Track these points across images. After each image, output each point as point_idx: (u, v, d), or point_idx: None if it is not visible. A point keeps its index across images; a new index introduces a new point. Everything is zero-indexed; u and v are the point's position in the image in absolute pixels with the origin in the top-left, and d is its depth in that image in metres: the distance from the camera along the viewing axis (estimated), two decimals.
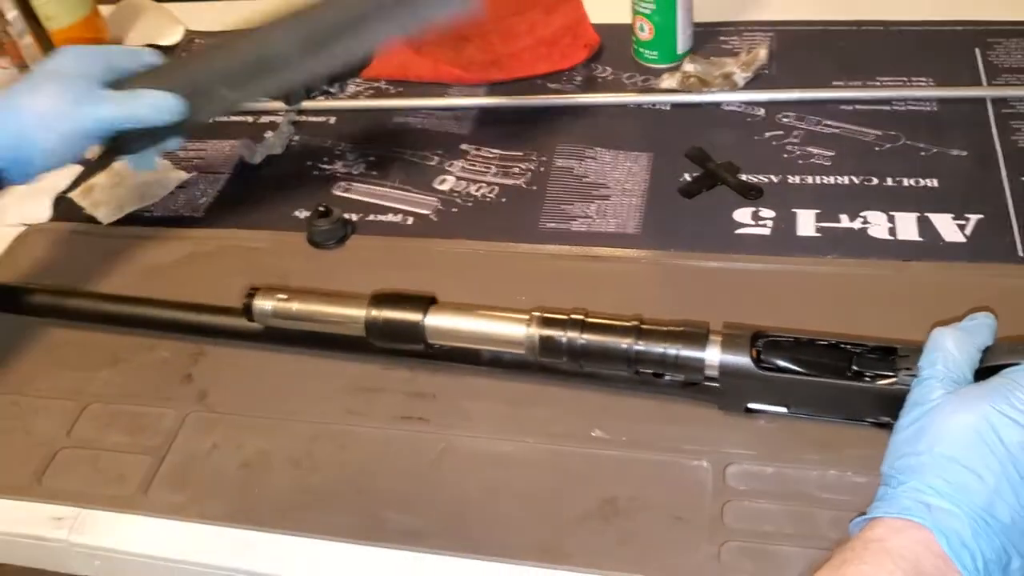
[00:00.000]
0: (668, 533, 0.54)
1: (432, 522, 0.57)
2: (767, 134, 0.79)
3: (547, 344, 0.59)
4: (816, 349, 0.56)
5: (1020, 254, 0.67)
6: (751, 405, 0.58)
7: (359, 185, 0.81)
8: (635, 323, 0.58)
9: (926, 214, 0.70)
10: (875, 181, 0.74)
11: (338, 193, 0.81)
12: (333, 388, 0.65)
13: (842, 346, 0.55)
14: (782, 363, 0.56)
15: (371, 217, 0.78)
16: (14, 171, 0.64)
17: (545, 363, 0.61)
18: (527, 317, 0.60)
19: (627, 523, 0.55)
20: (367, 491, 0.59)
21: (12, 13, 0.97)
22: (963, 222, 0.69)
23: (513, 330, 0.60)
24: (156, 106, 0.67)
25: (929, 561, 0.42)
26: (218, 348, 0.69)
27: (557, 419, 0.61)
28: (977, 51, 0.85)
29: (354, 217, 0.78)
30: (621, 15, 0.89)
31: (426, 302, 0.62)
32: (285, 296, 0.64)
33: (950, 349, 0.50)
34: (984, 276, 0.65)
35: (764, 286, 0.67)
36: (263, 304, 0.65)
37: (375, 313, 0.62)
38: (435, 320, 0.62)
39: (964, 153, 0.75)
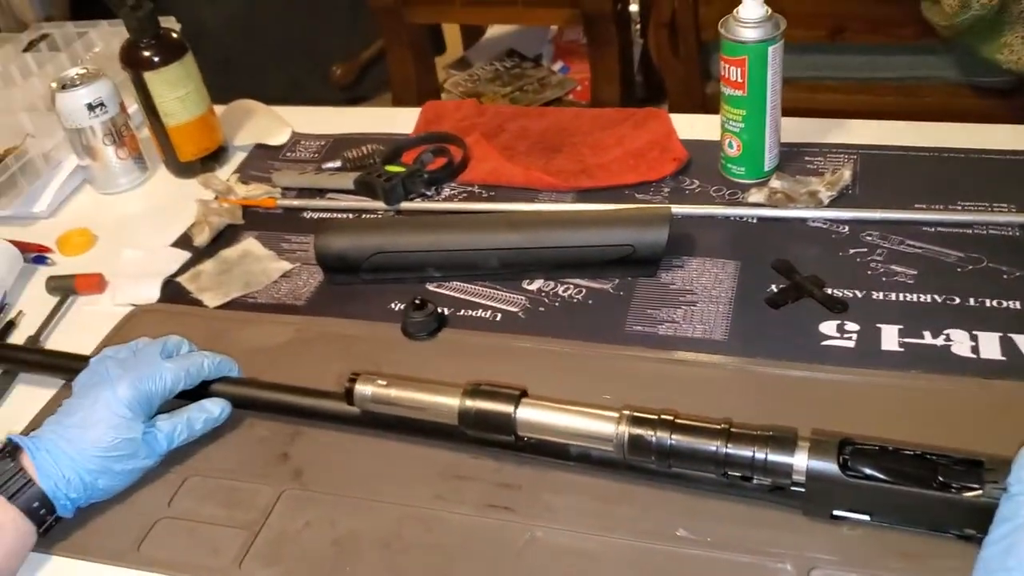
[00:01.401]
0: None
1: None
2: (851, 251, 0.82)
3: (636, 443, 0.61)
4: (902, 459, 0.57)
5: None
6: (836, 512, 0.59)
7: (452, 282, 0.85)
8: (724, 426, 0.60)
9: (1009, 335, 0.71)
10: (958, 300, 0.75)
11: (432, 288, 0.84)
12: (423, 473, 0.68)
13: (928, 457, 0.56)
14: (868, 471, 0.57)
15: (462, 312, 0.81)
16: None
17: (633, 462, 0.62)
18: (617, 415, 0.62)
19: None
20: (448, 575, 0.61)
21: (133, 107, 1.05)
22: None
23: (603, 427, 0.62)
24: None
25: None
26: (314, 429, 0.72)
27: (642, 517, 0.62)
28: None
29: (446, 311, 0.81)
30: (709, 132, 0.93)
31: (518, 395, 0.65)
32: (384, 382, 0.68)
33: None
34: None
35: (848, 397, 0.68)
36: (364, 389, 0.68)
37: (469, 403, 0.65)
38: (526, 413, 0.64)
39: None
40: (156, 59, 0.99)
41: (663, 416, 0.61)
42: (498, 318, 0.80)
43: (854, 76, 1.97)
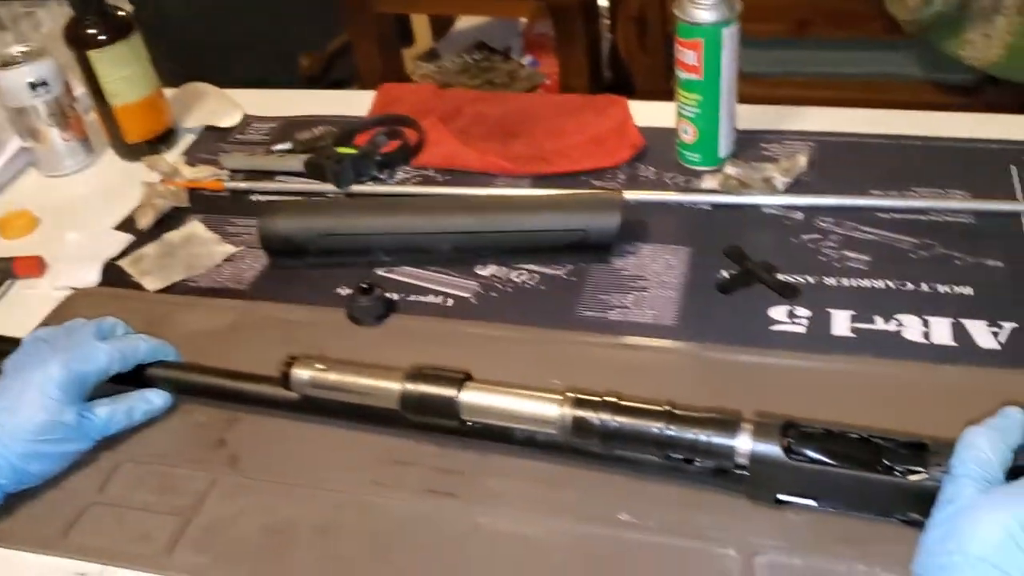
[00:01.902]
0: None
1: None
2: (804, 237, 0.81)
3: (580, 425, 0.60)
4: (847, 442, 0.56)
5: None
6: (781, 496, 0.58)
7: (402, 266, 0.83)
8: (667, 408, 0.59)
9: (960, 320, 0.71)
10: (910, 286, 0.74)
11: (381, 273, 0.83)
12: (362, 459, 0.66)
13: (873, 440, 0.55)
14: (812, 454, 0.56)
15: (412, 297, 0.80)
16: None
17: (576, 444, 0.61)
18: (560, 398, 0.61)
19: None
20: (390, 563, 0.59)
21: (80, 89, 1.03)
22: (997, 329, 0.69)
23: (546, 410, 0.61)
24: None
25: None
26: (252, 415, 0.70)
27: (585, 501, 0.61)
28: (1013, 168, 0.86)
29: (395, 296, 0.79)
30: (667, 120, 0.91)
31: (461, 379, 0.63)
32: (323, 366, 0.66)
33: (983, 448, 0.50)
34: (1017, 381, 0.65)
35: (797, 382, 0.68)
36: (301, 373, 0.66)
37: (410, 387, 0.63)
38: (470, 397, 0.63)
39: (999, 264, 0.75)
40: (101, 37, 0.96)
41: (606, 398, 0.60)
42: (449, 303, 0.79)
43: (818, 71, 1.97)
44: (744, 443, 0.56)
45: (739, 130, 0.91)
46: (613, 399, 0.60)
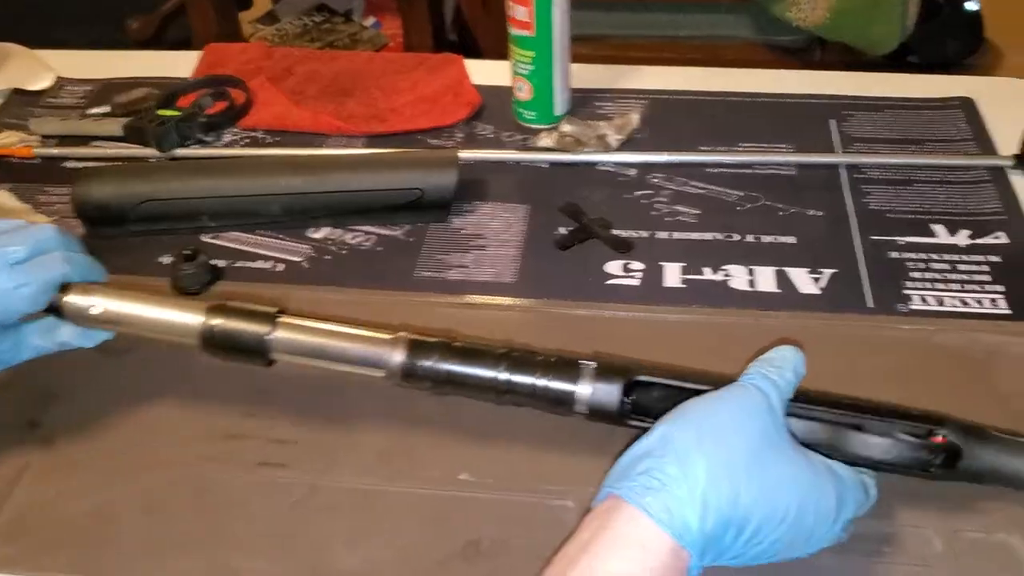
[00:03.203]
0: (531, 573, 0.53)
1: (288, 570, 0.55)
2: (637, 193, 0.82)
3: (411, 369, 0.57)
4: (683, 393, 0.56)
5: (869, 305, 0.70)
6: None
7: (230, 232, 0.79)
8: (506, 350, 0.57)
9: (784, 268, 0.73)
10: (737, 237, 0.77)
11: (208, 239, 0.79)
12: (191, 436, 0.63)
13: (703, 391, 0.56)
14: (650, 404, 0.56)
15: (240, 263, 0.76)
16: None
17: (407, 387, 0.58)
18: (391, 337, 0.57)
19: (490, 564, 0.54)
20: (221, 539, 0.57)
21: None
22: (818, 276, 0.73)
23: (374, 352, 0.57)
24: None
25: (654, 543, 0.45)
26: (69, 394, 0.66)
27: (423, 464, 0.60)
28: (832, 122, 0.90)
29: (222, 263, 0.76)
30: (505, 78, 0.91)
31: (273, 313, 0.59)
32: (105, 294, 0.59)
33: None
34: (836, 325, 0.68)
35: (632, 333, 0.69)
36: (76, 300, 0.59)
37: (214, 322, 0.58)
38: (283, 334, 0.58)
39: (820, 213, 0.79)
40: None
41: (441, 340, 0.57)
42: (280, 269, 0.76)
43: (660, 35, 2.02)
44: (584, 388, 0.55)
45: (575, 89, 0.92)
46: (447, 340, 0.57)
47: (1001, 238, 0.76)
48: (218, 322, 0.59)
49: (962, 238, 0.76)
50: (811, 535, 0.49)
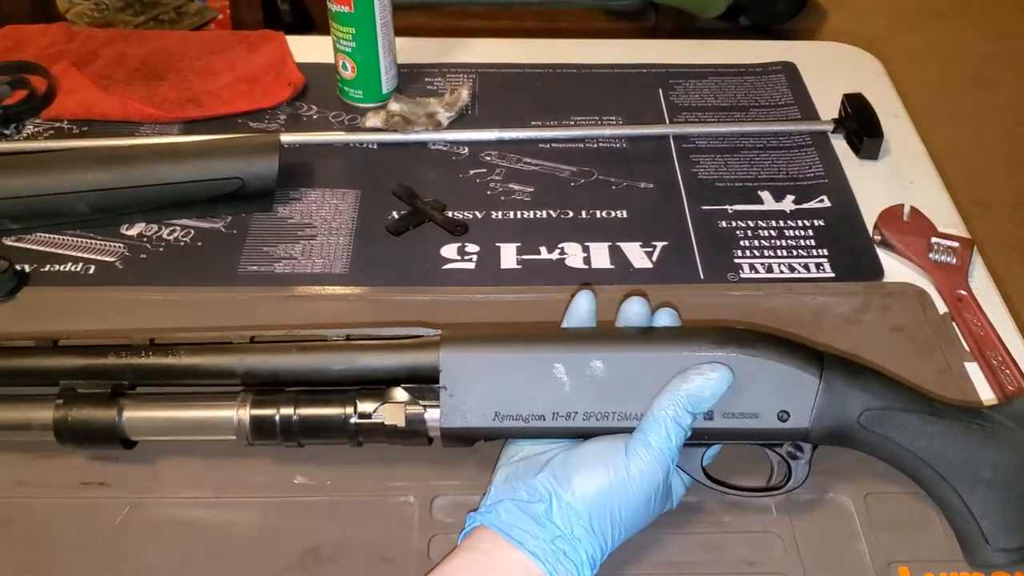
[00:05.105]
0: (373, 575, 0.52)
1: None
2: (471, 172, 0.81)
3: (260, 425, 0.55)
4: None
5: (701, 277, 0.71)
6: None
7: (34, 233, 0.73)
8: (354, 389, 0.55)
9: (617, 243, 0.74)
10: (571, 214, 0.76)
11: (9, 243, 0.73)
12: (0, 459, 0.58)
13: None
14: None
15: (47, 267, 0.71)
16: None
17: (260, 445, 0.56)
18: (236, 398, 0.55)
19: (330, 570, 0.52)
20: (35, 569, 0.52)
21: None
22: (650, 249, 0.73)
23: (220, 415, 0.55)
24: None
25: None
26: None
27: (257, 471, 0.58)
28: (660, 92, 0.91)
29: (26, 268, 0.70)
30: (329, 55, 0.87)
31: (118, 395, 0.55)
32: None
33: None
34: (669, 296, 0.69)
35: (470, 316, 0.67)
36: None
37: (60, 414, 0.55)
38: (134, 414, 0.55)
39: (651, 185, 0.79)
40: None
41: (287, 390, 0.55)
42: (91, 270, 0.71)
43: (496, 1, 2.01)
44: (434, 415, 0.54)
45: (403, 64, 0.89)
46: (293, 391, 0.55)
47: (824, 201, 0.78)
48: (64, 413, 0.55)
49: (787, 204, 0.78)
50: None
